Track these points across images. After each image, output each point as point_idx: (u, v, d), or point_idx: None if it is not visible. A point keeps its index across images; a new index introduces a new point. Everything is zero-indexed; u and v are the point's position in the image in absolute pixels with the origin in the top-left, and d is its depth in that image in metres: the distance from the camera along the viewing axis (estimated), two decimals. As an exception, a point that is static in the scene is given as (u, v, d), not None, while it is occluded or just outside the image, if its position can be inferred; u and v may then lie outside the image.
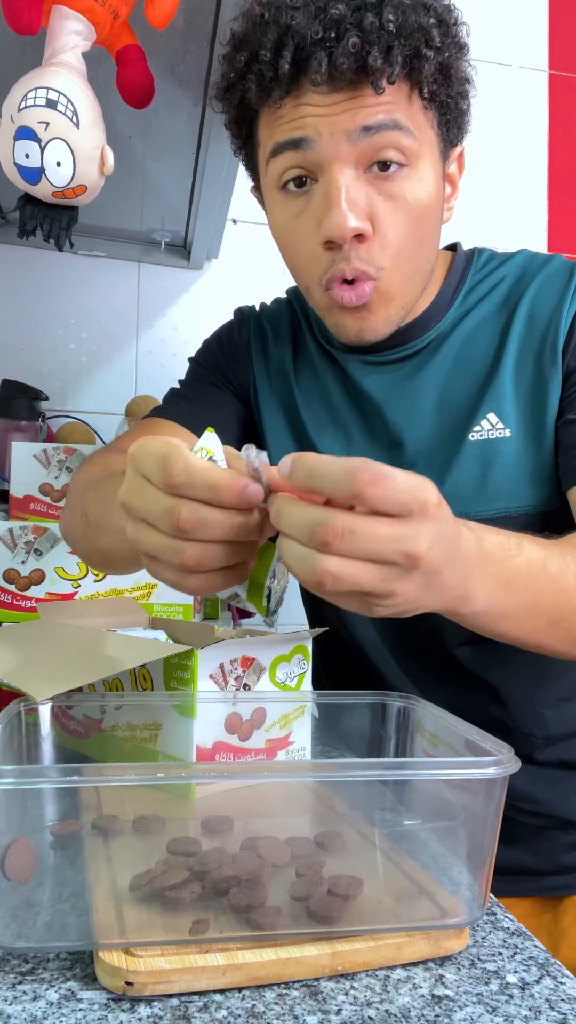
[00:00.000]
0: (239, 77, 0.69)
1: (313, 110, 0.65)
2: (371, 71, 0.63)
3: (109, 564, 0.77)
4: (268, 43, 0.65)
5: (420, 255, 0.72)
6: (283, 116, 0.67)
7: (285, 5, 0.65)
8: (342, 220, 0.65)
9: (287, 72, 0.64)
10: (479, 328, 0.81)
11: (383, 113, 0.65)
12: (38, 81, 0.72)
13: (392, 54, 0.63)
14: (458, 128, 0.74)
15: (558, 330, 0.77)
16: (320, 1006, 0.41)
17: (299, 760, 0.66)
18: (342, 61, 0.62)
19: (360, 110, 0.65)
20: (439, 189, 0.72)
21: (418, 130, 0.68)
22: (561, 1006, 0.41)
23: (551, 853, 0.87)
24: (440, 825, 0.50)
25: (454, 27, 0.68)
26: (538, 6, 1.89)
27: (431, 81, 0.67)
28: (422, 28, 0.64)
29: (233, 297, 1.67)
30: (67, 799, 0.49)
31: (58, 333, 1.63)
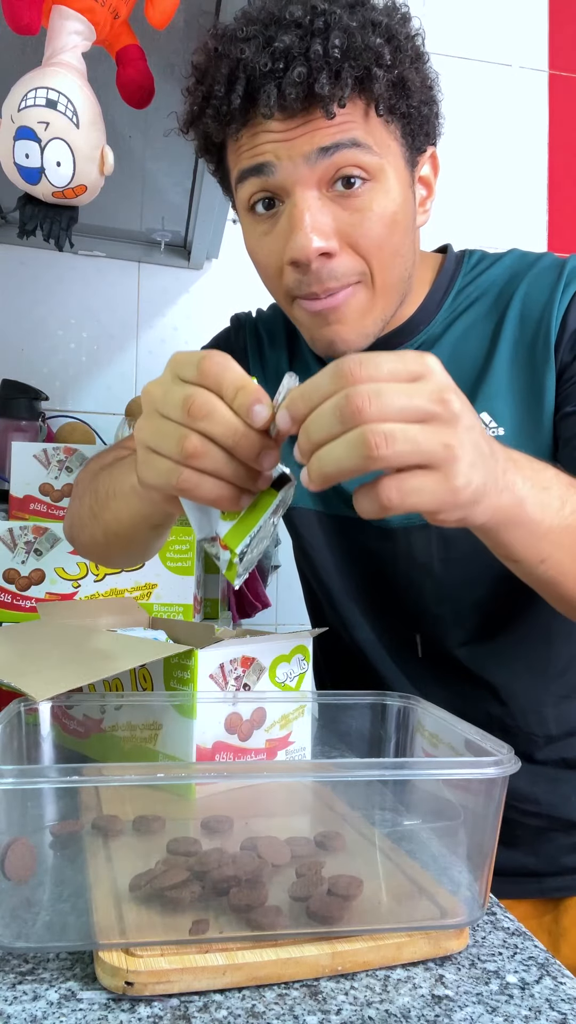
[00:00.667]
0: (200, 111, 0.70)
1: (270, 136, 0.67)
2: (319, 98, 0.64)
3: (110, 539, 0.76)
4: (221, 78, 0.66)
5: (396, 264, 0.73)
6: (243, 144, 0.69)
7: (235, 38, 0.66)
8: (306, 241, 0.66)
9: (239, 105, 0.66)
10: (470, 329, 0.81)
11: (339, 133, 0.66)
12: (38, 81, 0.72)
13: (341, 78, 0.64)
14: (426, 134, 0.74)
15: (550, 326, 0.77)
16: (320, 1006, 0.41)
17: (299, 760, 0.66)
18: (290, 92, 0.63)
19: (316, 132, 0.66)
20: (407, 198, 0.72)
21: (379, 145, 0.68)
22: (561, 1006, 0.41)
23: (552, 855, 0.87)
24: (440, 825, 0.50)
25: (407, 41, 0.69)
26: (538, 6, 1.89)
27: (387, 97, 0.67)
28: (370, 48, 0.65)
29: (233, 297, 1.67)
30: (67, 799, 0.49)
31: (58, 333, 1.63)
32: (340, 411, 0.43)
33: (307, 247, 0.66)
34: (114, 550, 0.79)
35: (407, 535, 0.83)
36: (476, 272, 0.83)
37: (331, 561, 0.90)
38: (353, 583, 0.90)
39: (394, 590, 0.87)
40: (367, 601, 0.90)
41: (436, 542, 0.82)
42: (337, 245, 0.68)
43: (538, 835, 0.86)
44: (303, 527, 0.92)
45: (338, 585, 0.91)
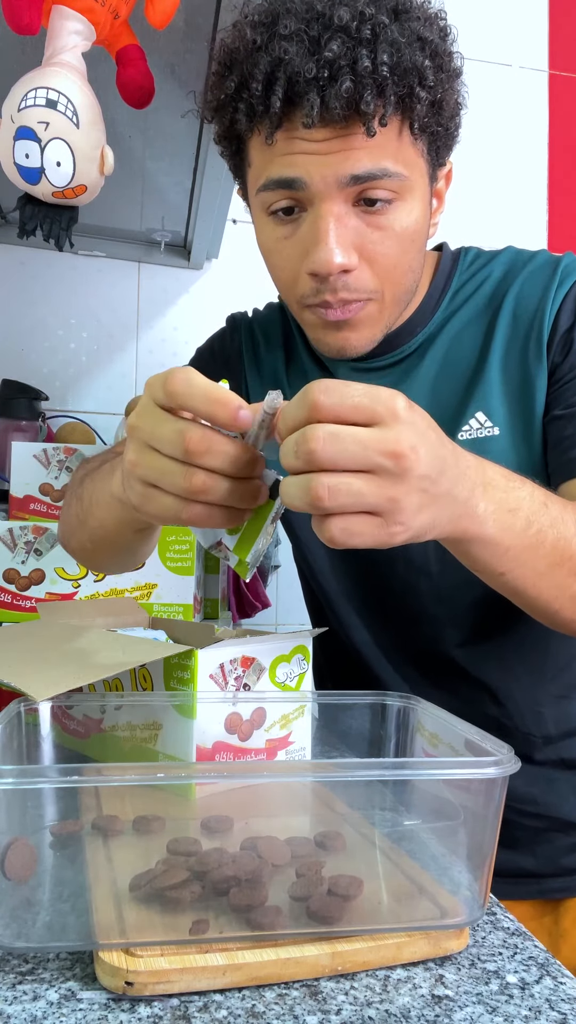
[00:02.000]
0: (229, 100, 0.68)
1: (304, 146, 0.65)
2: (363, 115, 0.63)
3: (97, 546, 0.76)
4: (259, 75, 0.64)
5: (408, 279, 0.73)
6: (275, 149, 0.67)
7: (277, 34, 0.64)
8: (329, 256, 0.66)
9: (278, 109, 0.64)
10: (466, 327, 0.81)
11: (371, 161, 0.65)
12: (38, 81, 0.72)
13: (385, 95, 0.63)
14: (448, 149, 0.74)
15: (542, 325, 0.77)
16: (320, 1006, 0.41)
17: (299, 760, 0.66)
18: (335, 105, 0.62)
19: (351, 152, 0.65)
20: (425, 214, 0.72)
21: (408, 167, 0.68)
22: (561, 1006, 0.41)
23: (551, 856, 0.87)
24: (440, 825, 0.50)
25: (447, 59, 0.68)
26: (538, 6, 1.89)
27: (423, 116, 0.67)
28: (416, 68, 0.64)
29: (233, 297, 1.67)
30: (67, 799, 0.49)
31: (58, 333, 1.63)
32: (297, 447, 0.44)
33: (330, 262, 0.66)
34: (102, 556, 0.79)
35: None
36: (472, 270, 0.83)
37: (328, 564, 0.91)
38: (350, 585, 0.90)
39: (391, 592, 0.87)
40: (364, 603, 0.90)
41: (433, 545, 0.82)
42: (356, 261, 0.68)
43: (537, 836, 0.86)
44: (301, 530, 0.92)
45: (335, 587, 0.91)
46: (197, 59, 0.89)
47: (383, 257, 0.69)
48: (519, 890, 0.86)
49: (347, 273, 0.68)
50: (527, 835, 0.86)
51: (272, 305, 0.96)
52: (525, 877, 0.86)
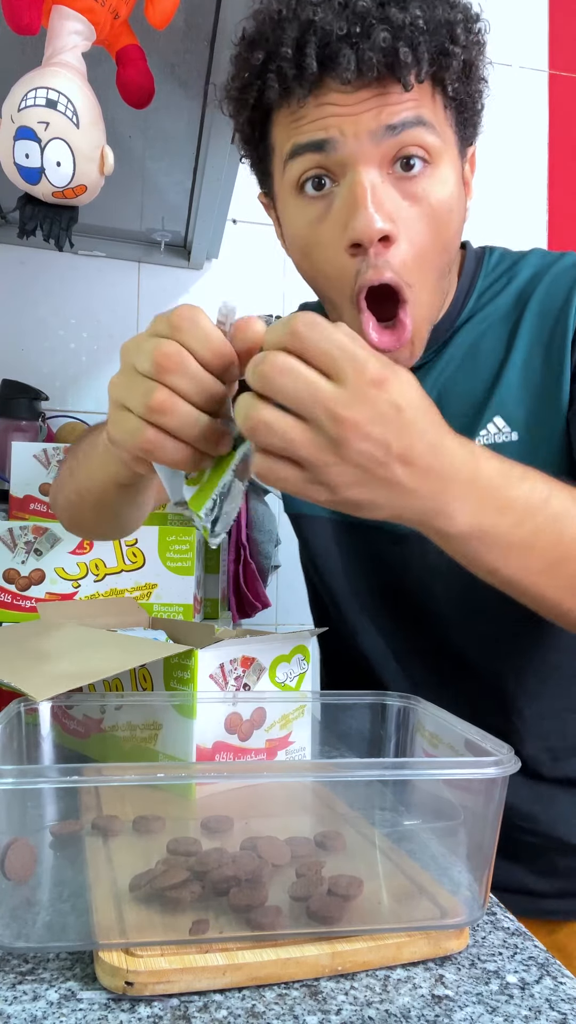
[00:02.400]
0: (255, 76, 0.66)
1: (336, 109, 0.63)
2: (400, 67, 0.61)
3: (82, 497, 0.75)
4: (289, 40, 0.62)
5: (443, 261, 0.70)
6: (304, 116, 0.65)
7: (305, 0, 0.62)
8: (369, 221, 0.63)
9: (313, 69, 0.62)
10: (488, 331, 0.79)
11: (408, 111, 0.63)
12: (38, 81, 0.72)
13: (420, 50, 0.61)
14: (473, 127, 0.72)
15: (567, 324, 0.75)
16: (320, 1006, 0.41)
17: (299, 760, 0.66)
18: (370, 56, 0.60)
19: (385, 108, 0.63)
20: (460, 190, 0.70)
21: (440, 128, 0.66)
22: (561, 1006, 0.41)
23: (550, 875, 0.86)
24: (440, 825, 0.50)
25: (476, 23, 0.67)
26: (538, 6, 1.89)
27: (454, 79, 0.65)
28: (449, 24, 0.63)
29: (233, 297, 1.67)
30: (67, 799, 0.49)
31: (58, 333, 1.63)
32: (255, 366, 0.45)
33: (370, 227, 0.63)
34: (85, 511, 0.77)
35: (421, 541, 0.81)
36: (497, 272, 0.81)
37: (340, 567, 0.89)
38: (362, 589, 0.89)
39: (405, 595, 0.86)
40: (375, 606, 0.89)
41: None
42: (397, 230, 0.65)
43: (536, 853, 0.85)
44: (311, 534, 0.91)
45: (346, 591, 0.89)
46: (197, 59, 0.89)
47: (417, 233, 0.66)
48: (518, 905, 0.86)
49: (386, 245, 0.65)
50: (527, 852, 0.85)
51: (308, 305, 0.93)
52: (525, 894, 0.86)
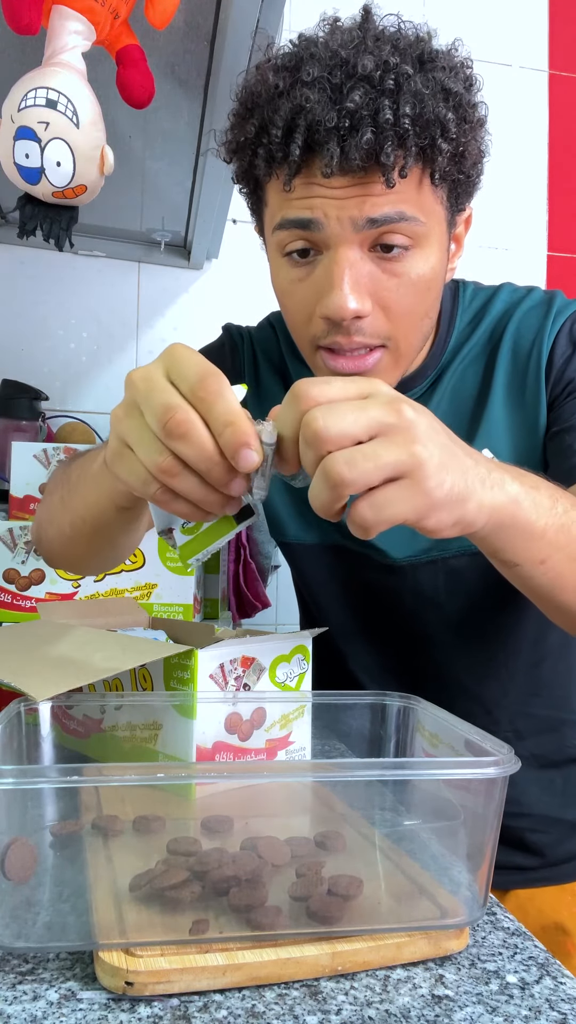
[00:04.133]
0: (248, 144, 0.68)
1: (322, 191, 0.65)
2: (383, 166, 0.63)
3: (76, 530, 0.73)
4: (280, 121, 0.64)
5: (423, 325, 0.73)
6: (292, 193, 0.67)
7: (300, 80, 0.63)
8: (342, 302, 0.65)
9: (297, 156, 0.64)
10: (469, 366, 0.82)
11: (390, 206, 0.65)
12: (38, 81, 0.72)
13: (406, 146, 0.63)
14: (468, 195, 0.73)
15: (540, 360, 0.78)
16: (320, 1006, 0.41)
17: (299, 760, 0.66)
18: (354, 156, 0.62)
19: (368, 199, 0.64)
20: (442, 260, 0.72)
21: (426, 214, 0.67)
22: (561, 1006, 0.41)
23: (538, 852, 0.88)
24: (440, 825, 0.50)
25: (472, 110, 0.68)
26: (538, 6, 1.89)
27: (444, 166, 0.66)
28: (439, 120, 0.64)
29: (233, 297, 1.67)
30: (67, 799, 0.49)
31: (58, 333, 1.63)
32: (305, 440, 0.44)
33: (343, 307, 0.65)
34: (80, 541, 0.75)
35: (414, 571, 0.83)
36: (472, 308, 0.84)
37: (331, 593, 0.91)
38: (354, 615, 0.90)
39: (397, 622, 0.87)
40: (368, 632, 0.90)
41: (443, 576, 0.83)
42: (370, 307, 0.67)
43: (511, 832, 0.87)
44: (303, 561, 0.92)
45: (337, 617, 0.91)
46: (197, 59, 0.89)
47: (396, 304, 0.68)
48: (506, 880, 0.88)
49: (360, 319, 0.67)
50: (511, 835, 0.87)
51: (264, 325, 0.95)
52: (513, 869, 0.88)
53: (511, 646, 0.86)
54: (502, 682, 0.87)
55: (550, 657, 0.88)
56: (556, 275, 1.88)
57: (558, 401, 0.77)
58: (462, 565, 0.81)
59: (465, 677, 0.87)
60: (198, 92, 0.95)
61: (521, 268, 1.86)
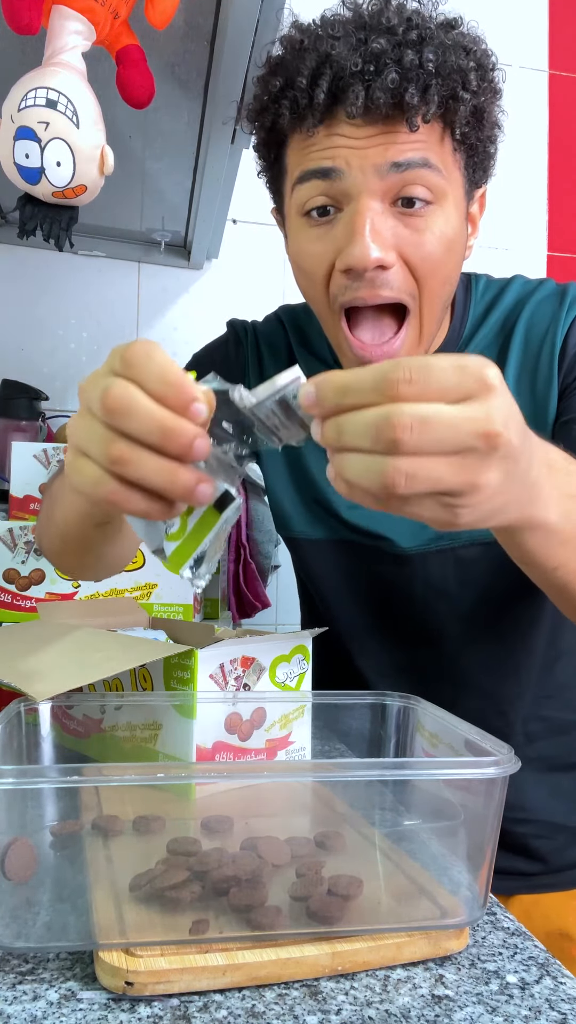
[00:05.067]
0: (272, 100, 0.68)
1: (345, 141, 0.65)
2: (407, 108, 0.63)
3: (65, 544, 0.72)
4: (305, 70, 0.65)
5: (445, 290, 0.72)
6: (314, 144, 0.67)
7: (326, 34, 0.65)
8: (364, 250, 0.65)
9: (322, 100, 0.64)
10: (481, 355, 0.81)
11: (413, 151, 0.65)
12: (38, 81, 0.72)
13: (429, 93, 0.63)
14: (484, 171, 0.74)
15: (553, 349, 0.78)
16: (320, 1006, 0.41)
17: (299, 760, 0.66)
18: (379, 96, 0.62)
19: (392, 146, 0.64)
20: (462, 229, 0.72)
21: (447, 170, 0.68)
22: (561, 1006, 0.41)
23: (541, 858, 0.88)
24: (440, 825, 0.50)
25: (491, 72, 0.69)
26: (538, 6, 1.89)
27: (464, 123, 0.67)
28: (460, 70, 0.64)
29: (233, 297, 1.67)
30: (67, 799, 0.49)
31: (58, 333, 1.63)
32: (378, 431, 0.39)
33: (366, 255, 0.65)
34: (70, 556, 0.75)
35: (423, 561, 0.83)
36: (486, 299, 0.84)
37: (340, 589, 0.90)
38: (363, 610, 0.89)
39: (407, 615, 0.87)
40: (377, 627, 0.89)
41: (453, 566, 0.82)
42: (394, 258, 0.67)
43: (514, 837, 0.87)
44: (309, 557, 0.91)
45: (345, 613, 0.90)
46: (197, 59, 0.89)
47: (421, 261, 0.67)
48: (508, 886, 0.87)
49: (384, 270, 0.66)
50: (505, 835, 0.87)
51: (271, 319, 0.94)
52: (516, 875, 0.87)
53: (526, 644, 0.85)
54: (517, 681, 0.86)
55: (564, 658, 0.87)
56: (556, 275, 1.87)
57: (569, 390, 0.77)
58: (472, 555, 0.81)
59: (478, 675, 0.85)
60: (198, 92, 0.95)
61: (521, 268, 1.84)
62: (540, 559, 0.55)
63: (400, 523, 0.82)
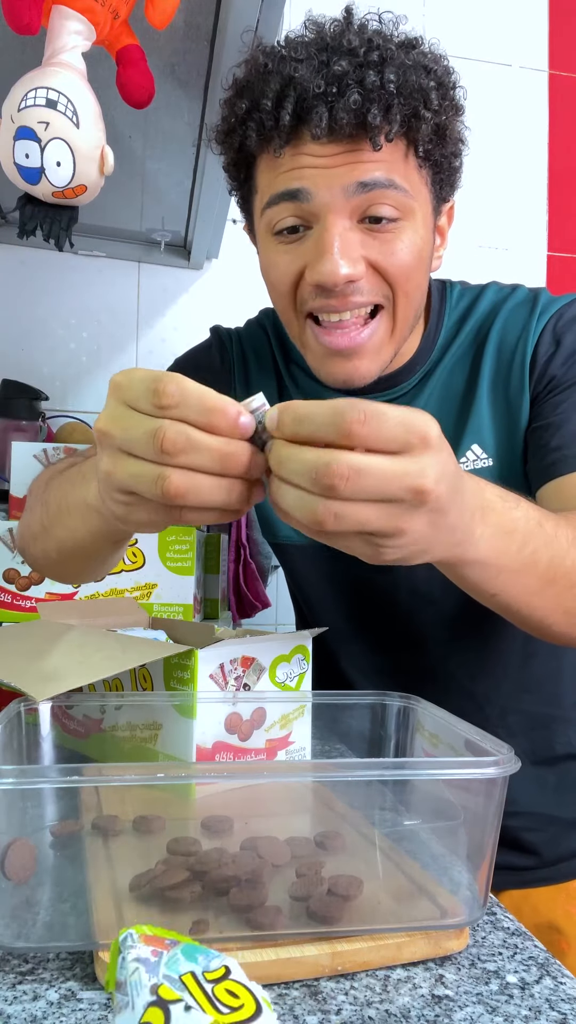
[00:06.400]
0: (239, 123, 0.70)
1: (311, 160, 0.66)
2: (370, 128, 0.64)
3: (64, 556, 0.72)
4: (270, 92, 0.66)
5: (416, 295, 0.74)
6: (282, 165, 0.68)
7: (289, 57, 0.66)
8: (334, 267, 0.66)
9: (288, 123, 0.65)
10: (457, 362, 0.83)
11: (379, 171, 0.66)
12: (38, 81, 0.72)
13: (391, 112, 0.65)
14: (451, 186, 0.75)
15: (524, 357, 0.79)
16: (320, 1006, 0.41)
17: (299, 760, 0.66)
18: (342, 116, 0.64)
19: (357, 165, 0.66)
20: (429, 241, 0.74)
21: (412, 188, 0.69)
22: (561, 1006, 0.41)
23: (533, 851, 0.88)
24: (440, 825, 0.50)
25: (452, 90, 0.70)
26: (538, 6, 1.89)
27: (427, 141, 0.68)
28: (422, 89, 0.66)
29: (233, 297, 1.67)
30: (67, 799, 0.49)
31: (58, 333, 1.63)
32: (316, 475, 0.41)
33: (335, 272, 0.66)
34: (70, 566, 0.75)
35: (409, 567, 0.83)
36: (460, 308, 0.85)
37: (324, 594, 0.91)
38: (347, 615, 0.90)
39: (391, 620, 0.87)
40: (361, 631, 0.90)
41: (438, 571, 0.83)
42: (363, 270, 0.68)
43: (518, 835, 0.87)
44: (295, 562, 0.92)
45: (330, 617, 0.91)
46: (197, 59, 0.89)
47: (391, 266, 0.69)
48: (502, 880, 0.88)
49: (354, 283, 0.68)
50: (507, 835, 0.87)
51: (253, 324, 0.95)
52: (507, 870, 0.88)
53: (504, 642, 0.86)
54: (495, 678, 0.87)
55: (541, 653, 0.88)
56: (556, 275, 1.88)
57: (540, 397, 0.79)
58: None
59: (459, 674, 0.87)
60: (198, 92, 0.95)
61: (521, 268, 1.86)
62: (478, 588, 0.58)
63: None
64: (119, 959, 0.33)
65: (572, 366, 0.78)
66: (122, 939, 0.34)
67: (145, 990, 0.31)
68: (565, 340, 0.78)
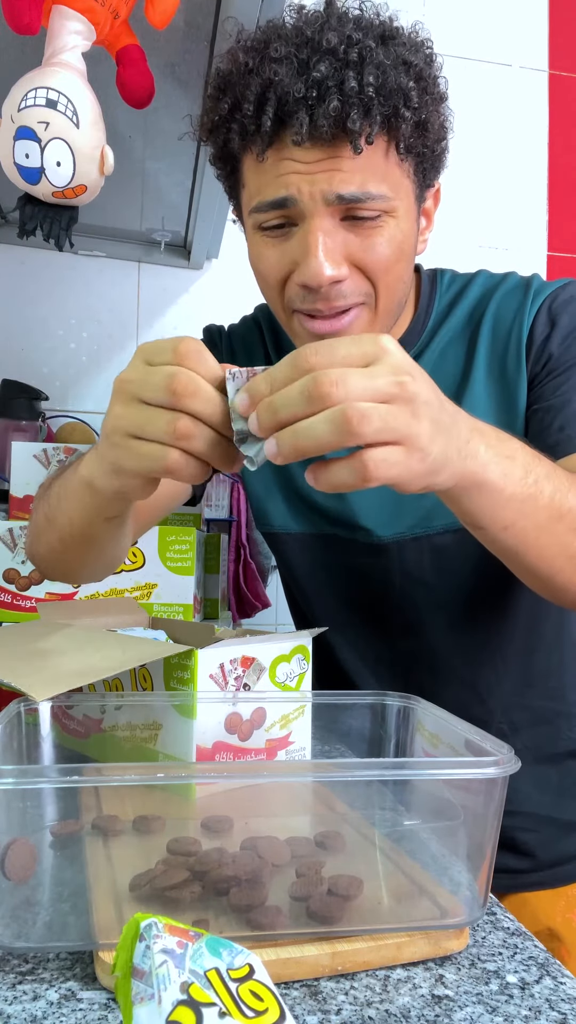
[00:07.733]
0: (223, 122, 0.70)
1: (294, 166, 0.67)
2: (350, 132, 0.65)
3: (66, 544, 0.74)
4: (251, 95, 0.67)
5: (399, 289, 0.75)
6: (266, 172, 0.69)
7: (268, 56, 0.66)
8: (319, 269, 0.68)
9: (269, 127, 0.66)
10: (448, 347, 0.84)
11: (357, 185, 0.67)
12: (38, 81, 0.72)
13: (371, 115, 0.65)
14: (435, 171, 0.76)
15: (520, 339, 0.80)
16: (320, 1006, 0.41)
17: (299, 760, 0.66)
18: (322, 123, 0.64)
19: (337, 173, 0.67)
20: (413, 231, 0.74)
21: (393, 188, 0.70)
22: (561, 1006, 0.41)
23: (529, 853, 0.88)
24: (440, 825, 0.50)
25: (432, 83, 0.70)
26: (538, 6, 1.89)
27: (408, 137, 0.69)
28: (401, 89, 0.66)
29: (233, 297, 1.67)
30: (67, 799, 0.48)
31: (58, 333, 1.63)
32: (308, 393, 0.46)
33: (320, 274, 0.68)
34: (72, 554, 0.76)
35: (399, 549, 0.84)
36: (450, 293, 0.86)
37: (318, 583, 0.91)
38: (341, 603, 0.91)
39: (385, 606, 0.87)
40: (355, 620, 0.90)
41: (428, 553, 0.84)
42: (347, 270, 0.69)
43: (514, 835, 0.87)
44: (288, 551, 0.92)
45: (324, 607, 0.91)
46: (197, 59, 0.89)
47: (373, 263, 0.70)
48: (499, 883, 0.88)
49: (339, 283, 0.69)
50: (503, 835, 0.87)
51: (247, 320, 0.96)
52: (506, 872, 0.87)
53: (504, 632, 0.86)
54: (496, 670, 0.87)
55: (543, 647, 0.88)
56: (556, 275, 1.87)
57: (538, 379, 0.79)
58: (447, 542, 0.82)
59: (458, 663, 0.86)
60: (198, 92, 0.95)
61: (521, 268, 1.84)
62: (487, 520, 0.58)
63: (377, 513, 0.84)
64: (141, 947, 0.33)
65: (569, 346, 0.78)
66: (145, 926, 0.33)
67: (174, 986, 0.31)
68: (561, 320, 0.79)
